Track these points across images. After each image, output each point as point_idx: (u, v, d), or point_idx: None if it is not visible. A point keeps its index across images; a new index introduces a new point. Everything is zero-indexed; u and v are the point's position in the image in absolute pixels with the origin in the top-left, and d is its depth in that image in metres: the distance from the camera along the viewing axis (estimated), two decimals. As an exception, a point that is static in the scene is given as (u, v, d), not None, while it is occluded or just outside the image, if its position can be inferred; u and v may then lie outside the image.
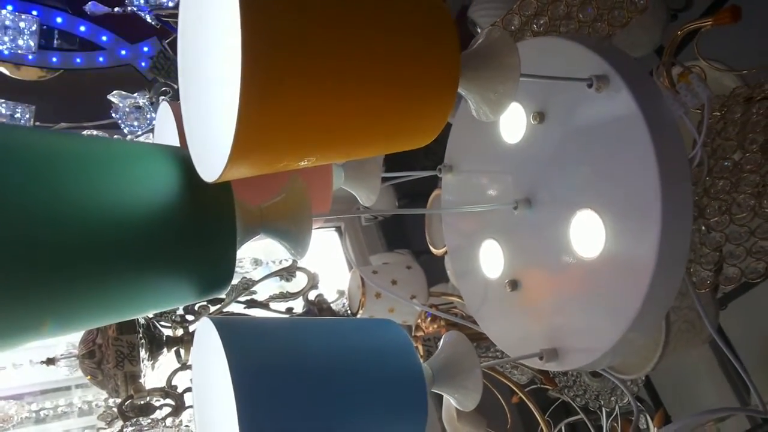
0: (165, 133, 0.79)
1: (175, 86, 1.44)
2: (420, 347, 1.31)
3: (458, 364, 0.73)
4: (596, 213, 0.74)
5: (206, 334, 0.62)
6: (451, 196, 1.00)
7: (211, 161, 0.52)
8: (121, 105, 1.53)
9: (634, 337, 0.73)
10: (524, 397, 1.36)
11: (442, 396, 0.75)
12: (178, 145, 0.73)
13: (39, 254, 0.50)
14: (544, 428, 1.18)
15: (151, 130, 1.81)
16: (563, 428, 1.72)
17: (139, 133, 1.83)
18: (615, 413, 1.50)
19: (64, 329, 0.55)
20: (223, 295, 0.94)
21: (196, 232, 0.58)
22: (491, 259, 0.93)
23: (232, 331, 0.59)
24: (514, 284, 0.88)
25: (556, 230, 0.80)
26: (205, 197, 0.58)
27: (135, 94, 1.79)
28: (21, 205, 0.49)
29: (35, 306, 0.52)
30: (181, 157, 0.60)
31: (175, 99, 1.44)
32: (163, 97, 1.45)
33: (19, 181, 0.49)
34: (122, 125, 1.83)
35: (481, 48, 0.61)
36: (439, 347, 0.74)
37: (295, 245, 0.67)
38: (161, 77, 1.43)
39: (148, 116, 1.82)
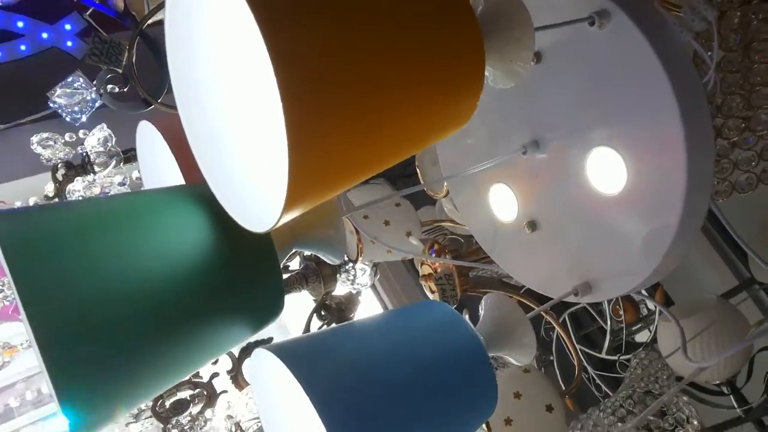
0: (158, 161, 0.74)
1: (120, 70, 1.35)
2: (432, 286, 1.33)
3: (507, 325, 0.74)
4: (613, 149, 0.74)
5: (266, 364, 0.61)
6: (450, 150, 0.98)
7: (255, 211, 0.49)
8: (67, 102, 1.43)
9: (670, 262, 0.74)
10: (521, 299, 1.40)
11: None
12: (179, 172, 0.69)
13: (103, 328, 0.49)
14: (549, 319, 1.22)
15: (93, 111, 1.70)
16: (567, 318, 1.80)
17: (83, 119, 1.72)
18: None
19: (137, 397, 0.54)
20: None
21: (242, 270, 0.56)
22: (503, 202, 0.92)
23: (296, 358, 0.58)
24: (533, 225, 0.88)
25: (571, 170, 0.79)
26: (242, 234, 0.56)
27: (69, 79, 1.67)
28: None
29: (112, 381, 0.51)
30: (201, 195, 0.57)
31: (125, 86, 1.34)
32: (112, 86, 1.36)
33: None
34: (64, 115, 1.71)
35: (490, 16, 0.57)
36: (483, 312, 0.75)
37: (332, 251, 0.66)
38: (103, 64, 1.33)
39: (88, 98, 1.71)
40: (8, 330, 1.70)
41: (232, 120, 0.54)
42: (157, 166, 0.80)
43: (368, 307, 2.17)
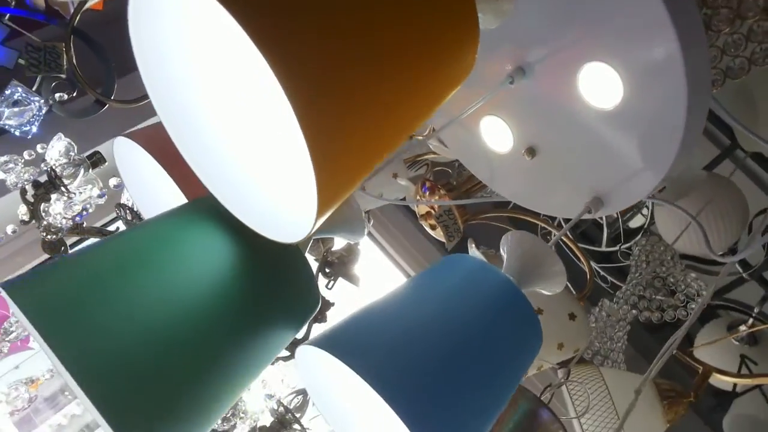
0: (146, 177, 0.71)
1: (63, 75, 1.27)
2: (433, 223, 1.33)
3: (533, 259, 0.74)
4: (603, 62, 0.72)
5: (317, 360, 0.61)
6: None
7: (281, 222, 0.47)
8: (18, 122, 1.35)
9: (679, 163, 0.74)
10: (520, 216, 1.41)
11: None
12: (173, 186, 0.66)
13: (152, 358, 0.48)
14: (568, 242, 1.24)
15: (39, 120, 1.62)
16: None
17: (33, 130, 1.64)
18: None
19: (202, 427, 0.53)
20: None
21: (274, 278, 0.54)
22: (496, 134, 0.90)
23: (349, 350, 0.57)
24: (532, 151, 0.87)
25: (563, 91, 0.77)
26: (265, 241, 0.54)
27: (8, 92, 1.57)
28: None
29: (173, 418, 0.50)
30: (211, 209, 0.54)
31: (73, 91, 1.27)
32: (60, 94, 1.29)
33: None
34: (13, 131, 1.63)
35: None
36: (506, 254, 0.74)
37: (352, 230, 0.64)
38: (42, 73, 1.25)
39: (33, 106, 1.62)
40: (23, 361, 1.67)
41: (230, 127, 0.50)
42: (147, 183, 0.76)
43: (369, 256, 2.18)
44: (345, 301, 1.24)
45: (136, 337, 0.47)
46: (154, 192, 0.76)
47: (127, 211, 1.18)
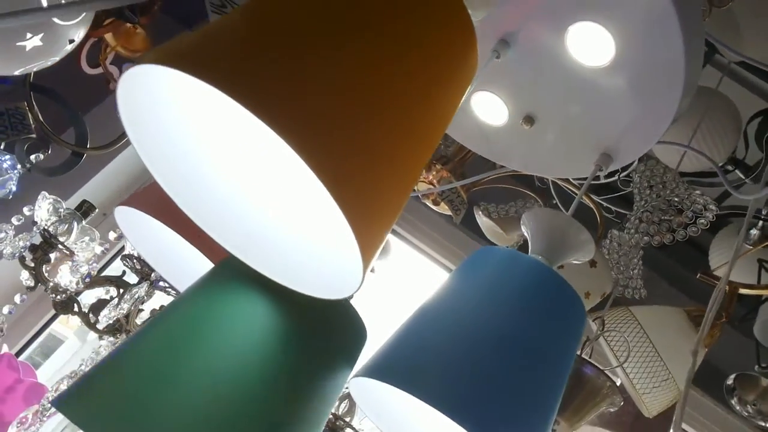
0: (160, 242, 0.68)
1: (33, 135, 1.23)
2: (437, 200, 1.31)
3: (558, 233, 0.73)
4: (589, 21, 0.70)
5: (373, 386, 0.60)
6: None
7: (325, 279, 0.45)
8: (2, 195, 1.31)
9: (684, 105, 0.73)
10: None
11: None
12: (191, 248, 0.64)
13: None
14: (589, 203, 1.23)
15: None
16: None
17: (13, 189, 1.60)
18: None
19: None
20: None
21: (320, 326, 0.53)
22: (489, 109, 0.88)
23: (404, 373, 0.57)
24: (529, 120, 0.85)
25: (553, 56, 0.75)
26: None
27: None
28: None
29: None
30: (242, 268, 0.52)
31: (47, 148, 1.23)
32: (36, 155, 1.25)
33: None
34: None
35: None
36: (530, 234, 0.73)
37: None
38: (12, 138, 1.21)
39: (8, 168, 1.58)
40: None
41: (248, 189, 0.48)
42: (163, 247, 0.74)
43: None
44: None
45: (199, 427, 0.46)
46: (166, 250, 0.74)
47: (135, 261, 1.15)
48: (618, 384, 1.08)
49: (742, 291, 1.18)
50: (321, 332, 0.53)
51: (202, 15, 2.09)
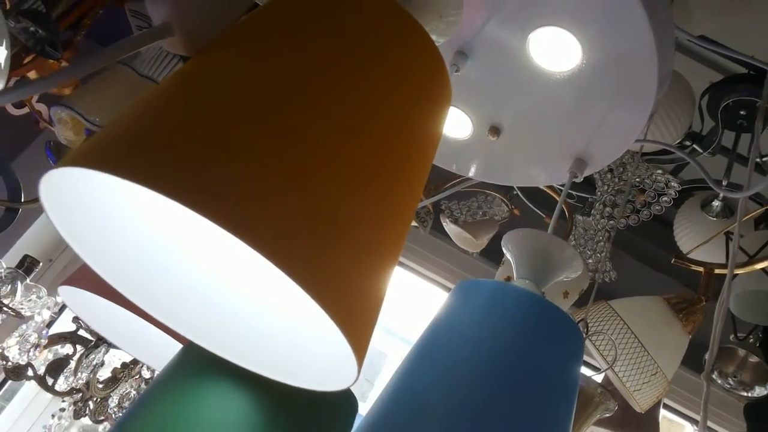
0: (112, 318, 0.61)
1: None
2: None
3: (541, 255, 0.69)
4: (552, 26, 0.66)
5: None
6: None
7: (320, 368, 0.39)
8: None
9: (656, 104, 0.69)
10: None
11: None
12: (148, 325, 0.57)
13: None
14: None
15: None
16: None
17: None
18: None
19: None
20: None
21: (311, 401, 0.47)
22: (451, 122, 0.83)
23: None
24: (495, 131, 0.81)
25: (515, 64, 0.71)
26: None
27: None
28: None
29: None
30: (207, 357, 0.46)
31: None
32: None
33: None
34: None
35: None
36: (513, 260, 0.69)
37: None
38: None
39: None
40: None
41: (207, 272, 0.42)
42: (114, 319, 0.67)
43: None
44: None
45: None
46: (118, 322, 0.67)
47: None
48: (608, 386, 1.06)
49: (718, 271, 1.17)
50: (307, 413, 0.48)
51: (125, 28, 1.99)
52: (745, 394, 1.53)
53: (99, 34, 2.10)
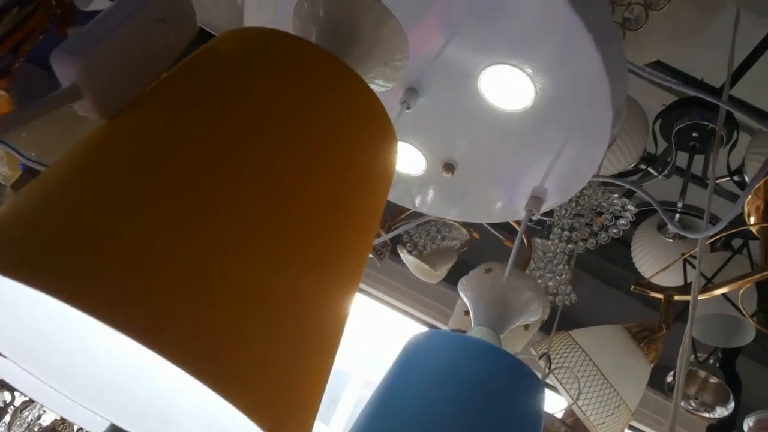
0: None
1: None
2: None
3: (498, 302, 0.66)
4: (503, 64, 0.63)
5: None
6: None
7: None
8: None
9: (611, 141, 0.67)
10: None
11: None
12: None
13: None
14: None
15: None
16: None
17: None
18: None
19: None
20: None
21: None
22: (405, 158, 0.80)
23: None
24: (450, 168, 0.78)
25: (465, 100, 0.68)
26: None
27: None
28: None
29: None
30: None
31: None
32: None
33: None
34: None
35: (346, 37, 0.43)
36: (470, 307, 0.66)
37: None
38: None
39: None
40: None
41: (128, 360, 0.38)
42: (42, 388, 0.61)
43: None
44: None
45: None
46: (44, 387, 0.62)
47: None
48: (569, 421, 1.03)
49: (678, 297, 1.17)
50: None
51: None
52: (707, 415, 1.53)
53: (40, 58, 2.02)
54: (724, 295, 1.18)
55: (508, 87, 0.66)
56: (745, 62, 1.48)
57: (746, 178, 1.33)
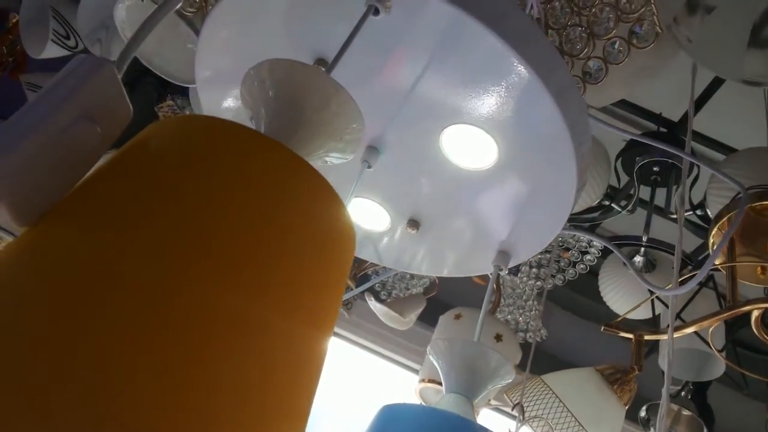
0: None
1: None
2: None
3: (470, 368, 0.64)
4: (464, 124, 0.62)
5: None
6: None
7: None
8: None
9: (577, 195, 0.66)
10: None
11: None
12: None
13: None
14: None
15: None
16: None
17: None
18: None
19: None
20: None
21: None
22: (368, 215, 0.78)
23: None
24: (414, 224, 0.76)
25: (427, 158, 0.67)
26: None
27: None
28: None
29: None
30: None
31: None
32: None
33: None
34: None
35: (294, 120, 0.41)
36: (442, 371, 0.64)
37: None
38: None
39: None
40: None
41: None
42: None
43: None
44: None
45: None
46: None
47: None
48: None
49: (648, 337, 1.16)
50: None
51: (20, 100, 1.88)
52: (682, 447, 1.53)
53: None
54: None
55: (470, 145, 0.64)
56: (705, 94, 1.50)
57: (708, 213, 1.34)
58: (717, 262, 1.03)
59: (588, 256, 1.60)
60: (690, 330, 1.05)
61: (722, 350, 1.19)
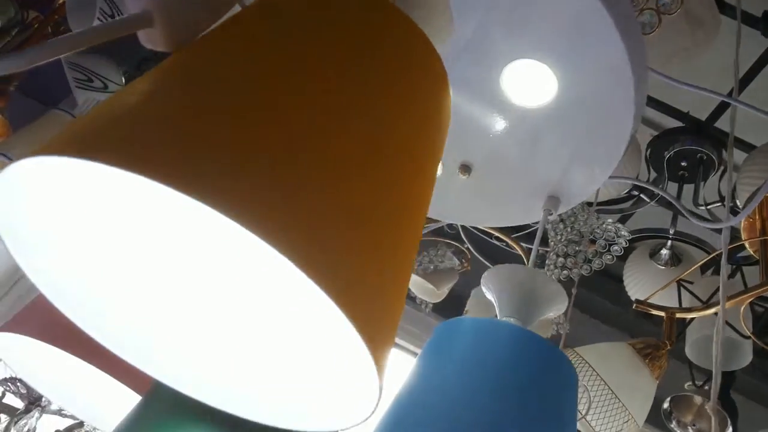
0: (58, 372, 0.54)
1: None
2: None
3: (524, 292, 0.66)
4: (528, 59, 0.65)
5: None
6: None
7: (330, 405, 0.34)
8: None
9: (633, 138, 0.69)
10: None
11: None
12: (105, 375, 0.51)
13: None
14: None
15: None
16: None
17: None
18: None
19: None
20: None
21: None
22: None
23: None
24: (466, 169, 0.78)
25: (484, 97, 0.70)
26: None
27: None
28: None
29: None
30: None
31: None
32: None
33: None
34: None
35: None
36: (495, 300, 0.66)
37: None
38: None
39: None
40: None
41: (186, 307, 0.37)
42: (55, 371, 0.59)
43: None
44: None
45: None
46: (60, 373, 0.59)
47: (18, 385, 0.97)
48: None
49: (679, 315, 1.17)
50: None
51: (65, 92, 1.92)
52: (704, 443, 1.52)
53: (34, 89, 2.02)
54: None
55: (529, 83, 0.67)
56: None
57: (738, 204, 1.36)
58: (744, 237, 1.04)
59: (615, 247, 1.61)
60: (738, 300, 1.05)
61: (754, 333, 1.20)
